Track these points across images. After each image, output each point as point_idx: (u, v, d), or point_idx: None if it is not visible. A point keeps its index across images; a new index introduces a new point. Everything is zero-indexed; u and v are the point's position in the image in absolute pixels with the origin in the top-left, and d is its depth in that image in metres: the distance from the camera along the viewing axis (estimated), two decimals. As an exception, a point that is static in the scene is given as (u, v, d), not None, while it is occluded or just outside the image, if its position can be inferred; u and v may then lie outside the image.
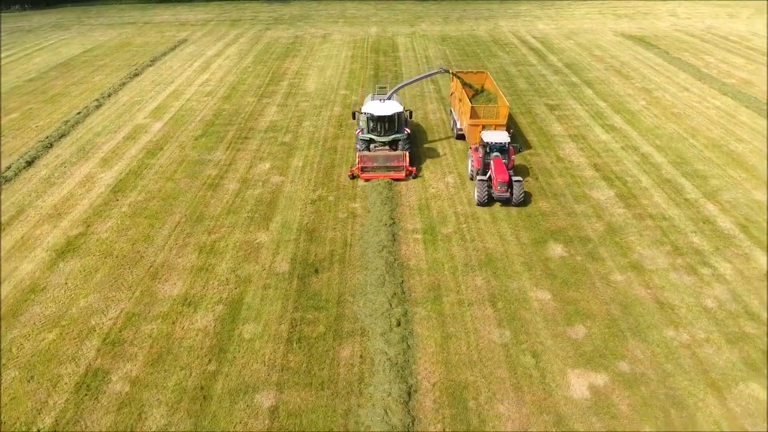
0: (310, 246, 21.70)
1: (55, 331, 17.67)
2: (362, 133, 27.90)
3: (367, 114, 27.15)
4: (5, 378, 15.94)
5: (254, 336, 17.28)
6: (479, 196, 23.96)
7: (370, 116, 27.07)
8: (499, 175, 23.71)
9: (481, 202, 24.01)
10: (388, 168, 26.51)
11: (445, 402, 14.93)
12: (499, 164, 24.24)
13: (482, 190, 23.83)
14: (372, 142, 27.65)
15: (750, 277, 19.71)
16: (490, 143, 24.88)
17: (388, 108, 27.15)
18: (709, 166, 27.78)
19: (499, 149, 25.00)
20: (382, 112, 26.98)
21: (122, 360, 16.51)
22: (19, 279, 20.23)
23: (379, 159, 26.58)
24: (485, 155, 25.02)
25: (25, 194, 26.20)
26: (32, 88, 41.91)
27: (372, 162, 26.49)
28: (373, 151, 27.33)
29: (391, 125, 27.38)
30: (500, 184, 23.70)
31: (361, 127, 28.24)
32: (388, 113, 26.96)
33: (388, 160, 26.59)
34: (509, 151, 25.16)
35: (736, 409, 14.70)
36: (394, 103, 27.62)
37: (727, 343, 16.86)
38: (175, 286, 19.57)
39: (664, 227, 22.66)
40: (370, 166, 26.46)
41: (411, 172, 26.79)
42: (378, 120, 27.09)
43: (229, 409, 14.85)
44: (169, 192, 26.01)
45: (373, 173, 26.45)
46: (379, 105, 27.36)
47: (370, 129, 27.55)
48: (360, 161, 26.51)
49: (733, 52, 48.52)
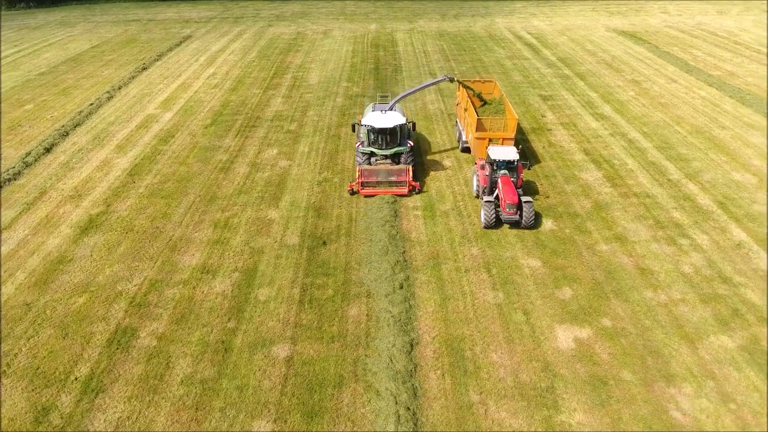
0: (317, 221, 23.28)
1: (85, 296, 19.21)
2: (362, 146, 26.32)
3: (367, 126, 25.67)
4: (41, 335, 17.48)
5: (269, 298, 18.86)
6: (486, 219, 22.12)
7: (371, 128, 25.59)
8: (508, 197, 21.78)
9: (488, 224, 22.23)
10: (390, 183, 25.00)
11: (444, 352, 16.53)
12: (507, 184, 22.36)
13: (489, 211, 22.05)
14: (373, 155, 26.13)
15: (725, 247, 21.36)
16: (498, 161, 22.98)
17: (389, 120, 25.64)
18: (692, 150, 29.43)
19: (507, 166, 23.22)
20: (383, 124, 25.46)
21: (149, 319, 18.07)
22: (47, 252, 21.76)
23: (380, 173, 24.91)
24: (492, 173, 23.16)
25: (45, 177, 27.70)
26: (44, 81, 43.36)
27: (373, 177, 24.93)
28: (374, 164, 25.73)
29: (393, 138, 25.89)
30: (509, 206, 21.77)
31: (361, 140, 26.72)
32: (390, 125, 25.46)
33: (391, 175, 24.95)
34: (518, 168, 23.38)
35: (707, 357, 16.32)
36: (396, 115, 26.17)
37: (701, 302, 18.49)
38: (193, 257, 21.13)
39: (648, 204, 24.30)
40: (371, 182, 24.97)
41: (414, 187, 25.16)
42: (379, 132, 25.57)
43: (249, 359, 16.42)
44: (183, 175, 27.55)
45: (374, 189, 24.91)
46: (380, 116, 25.87)
47: (370, 142, 26.05)
48: (360, 176, 24.86)
49: (720, 47, 50.23)
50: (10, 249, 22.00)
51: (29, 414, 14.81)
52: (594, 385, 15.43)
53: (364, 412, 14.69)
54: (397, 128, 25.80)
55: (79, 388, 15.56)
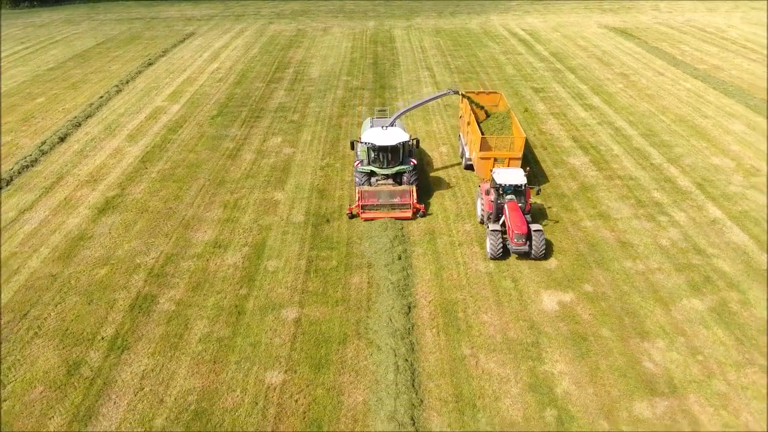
0: (321, 202, 24.80)
1: (106, 268, 20.70)
2: (362, 165, 24.46)
3: (368, 144, 23.74)
4: (68, 302, 18.96)
5: (277, 269, 20.37)
6: (492, 250, 20.23)
7: (372, 146, 23.74)
8: (516, 226, 19.96)
9: (495, 256, 20.30)
10: (392, 206, 23.20)
11: (439, 313, 18.06)
12: (515, 211, 20.59)
13: (496, 242, 20.14)
14: (373, 175, 24.33)
15: (701, 223, 22.94)
16: (504, 185, 21.23)
17: (391, 137, 23.79)
18: (675, 137, 31.01)
19: (515, 191, 21.38)
20: (385, 141, 23.58)
21: (167, 288, 19.56)
22: (68, 230, 23.23)
23: (382, 195, 23.10)
24: (498, 197, 21.35)
25: (62, 164, 29.15)
26: (53, 76, 44.77)
27: (374, 198, 23.09)
28: (375, 185, 23.80)
29: (395, 156, 24.05)
30: (518, 236, 19.88)
31: (360, 158, 24.90)
32: (393, 143, 23.58)
33: (393, 196, 23.16)
34: (526, 193, 21.50)
35: (678, 317, 17.88)
36: (399, 131, 24.33)
37: (676, 270, 20.06)
38: (206, 234, 22.62)
39: (630, 185, 25.86)
40: (372, 204, 23.11)
41: (419, 210, 23.37)
42: (380, 150, 23.78)
43: (260, 320, 17.93)
44: (193, 161, 29.03)
45: (375, 212, 23.04)
46: (381, 133, 24.07)
47: (370, 160, 24.24)
48: (360, 198, 23.04)
49: (707, 42, 51.88)
50: (33, 228, 23.49)
51: (62, 368, 16.30)
52: (575, 340, 16.99)
53: (366, 364, 16.22)
54: (400, 146, 24.00)
55: (106, 346, 17.07)
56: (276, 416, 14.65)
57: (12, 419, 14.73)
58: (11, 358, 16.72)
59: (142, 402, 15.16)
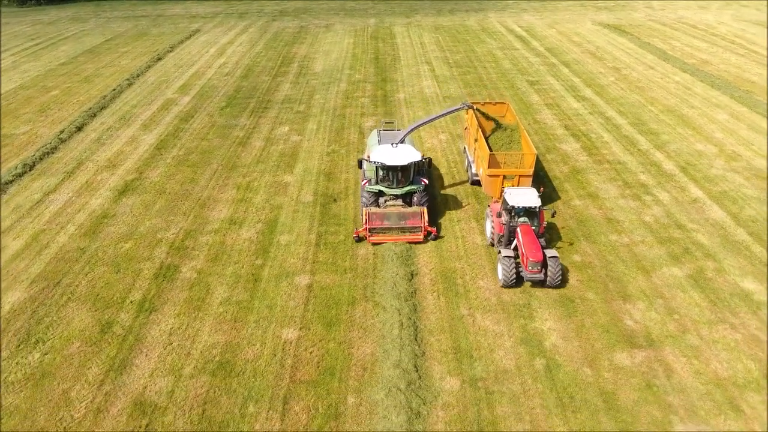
0: (328, 184, 26.42)
1: (130, 242, 22.30)
2: (369, 184, 22.88)
3: (377, 163, 22.11)
4: (97, 271, 20.54)
5: (290, 242, 22.00)
6: (504, 278, 18.83)
7: (381, 165, 22.17)
8: (531, 253, 18.59)
9: (507, 284, 18.95)
10: (402, 229, 21.74)
11: (439, 280, 19.70)
12: (528, 236, 19.18)
13: (509, 269, 18.76)
14: (381, 195, 22.89)
15: (683, 202, 24.59)
16: (517, 207, 19.72)
17: (402, 156, 22.19)
18: (662, 126, 32.68)
19: (528, 213, 19.95)
20: (395, 161, 22.00)
21: (187, 259, 21.16)
22: (91, 210, 24.82)
23: (391, 217, 21.68)
24: (510, 219, 19.85)
25: (80, 151, 30.72)
26: (65, 70, 46.32)
27: (382, 221, 21.68)
28: (383, 207, 22.39)
29: (405, 175, 22.51)
30: (532, 264, 18.55)
31: (367, 177, 23.23)
32: (404, 162, 22.01)
33: (403, 219, 21.73)
34: (540, 215, 20.05)
35: (658, 282, 19.54)
36: (410, 149, 22.83)
37: (658, 243, 21.72)
38: (221, 212, 24.23)
39: (618, 169, 27.52)
40: (381, 227, 21.69)
41: (430, 233, 21.95)
42: (390, 169, 22.30)
43: (276, 286, 19.55)
44: (205, 148, 30.63)
45: (384, 236, 21.66)
46: (391, 151, 22.46)
47: (379, 179, 22.62)
48: (368, 221, 21.62)
49: (698, 38, 53.59)
50: (58, 208, 25.07)
51: (95, 327, 17.89)
52: (563, 302, 18.62)
53: (373, 322, 17.84)
54: (411, 165, 22.51)
55: (135, 308, 18.66)
56: (293, 365, 16.27)
57: (54, 369, 16.32)
58: (48, 319, 18.32)
59: (171, 354, 16.77)
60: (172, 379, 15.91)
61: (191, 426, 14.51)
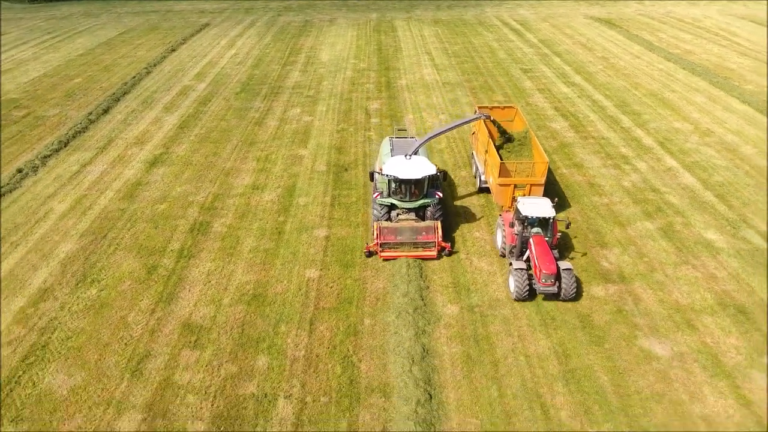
0: (339, 156, 29.17)
1: (165, 204, 25.00)
2: (381, 197, 22.16)
3: (390, 177, 21.37)
4: (138, 227, 23.24)
5: (307, 203, 24.74)
6: (517, 290, 18.36)
7: (394, 179, 21.39)
8: (545, 265, 18.14)
9: (520, 297, 18.42)
10: (415, 244, 21.05)
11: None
12: (541, 247, 18.76)
13: (521, 282, 18.27)
14: (393, 208, 22.19)
15: (658, 170, 27.39)
16: (530, 217, 19.17)
17: (417, 169, 21.31)
18: (644, 108, 35.49)
19: (541, 224, 19.48)
20: (409, 174, 21.10)
21: (217, 217, 23.88)
22: (126, 178, 27.50)
23: (404, 232, 21.03)
24: (522, 230, 19.30)
25: (109, 130, 33.39)
26: (85, 61, 48.95)
27: (394, 235, 21.00)
28: (396, 220, 21.81)
29: (419, 188, 21.70)
30: (546, 276, 18.11)
31: (379, 190, 22.42)
32: (418, 176, 21.11)
33: (416, 233, 21.06)
34: (553, 225, 19.61)
35: (632, 234, 22.34)
36: (424, 161, 21.88)
37: (633, 203, 24.51)
38: (244, 180, 26.94)
39: (602, 143, 30.33)
40: (393, 242, 20.99)
41: (444, 248, 21.22)
42: (403, 182, 21.47)
43: (297, 237, 22.30)
44: (224, 127, 33.33)
45: (396, 251, 20.96)
46: (404, 163, 21.57)
47: (391, 192, 21.92)
48: (379, 235, 20.92)
49: (683, 31, 56.47)
50: (95, 177, 27.74)
51: (142, 270, 20.58)
52: (548, 249, 21.39)
53: (383, 264, 20.60)
54: (426, 179, 21.65)
55: (175, 255, 21.38)
56: (316, 297, 19.01)
57: (110, 301, 19.01)
58: (99, 264, 21.01)
59: (211, 289, 19.48)
60: (214, 307, 18.63)
61: (233, 341, 17.23)
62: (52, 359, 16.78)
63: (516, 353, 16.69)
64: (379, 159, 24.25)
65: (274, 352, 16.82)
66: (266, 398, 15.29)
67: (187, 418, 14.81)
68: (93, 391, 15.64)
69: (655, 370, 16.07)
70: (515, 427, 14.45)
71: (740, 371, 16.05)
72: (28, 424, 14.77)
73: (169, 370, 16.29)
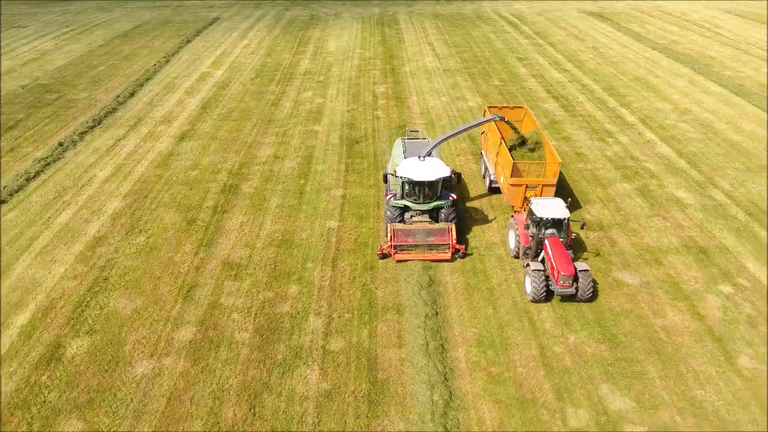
0: (350, 131, 32.18)
1: (196, 171, 27.97)
2: (394, 199, 22.25)
3: (404, 179, 21.41)
4: (174, 189, 26.19)
5: (324, 170, 27.75)
6: (534, 292, 18.37)
7: (408, 181, 21.41)
8: (562, 266, 18.16)
9: (537, 299, 18.50)
10: (429, 246, 20.99)
11: (443, 191, 25.43)
12: (557, 246, 18.75)
13: (539, 283, 18.25)
14: (407, 210, 22.16)
15: (638, 142, 30.45)
16: (545, 219, 19.08)
17: (431, 171, 21.35)
18: (630, 91, 38.56)
19: (555, 224, 19.40)
20: (423, 176, 21.14)
21: (245, 180, 26.87)
22: (159, 150, 30.46)
23: (417, 234, 21.02)
24: (537, 231, 19.26)
25: (138, 111, 36.33)
26: (105, 51, 51.84)
27: (408, 238, 21.02)
28: (409, 222, 21.83)
29: (433, 190, 21.78)
30: (564, 278, 18.11)
31: (392, 191, 22.64)
32: (432, 178, 21.18)
33: (430, 235, 21.05)
34: (567, 226, 19.56)
35: (612, 193, 25.39)
36: (438, 163, 21.89)
37: (614, 168, 27.57)
38: (266, 151, 29.93)
39: (588, 120, 33.39)
40: (406, 244, 20.99)
41: (458, 250, 21.21)
42: (417, 184, 21.51)
43: (317, 196, 25.31)
44: (244, 108, 36.30)
45: (410, 254, 20.93)
46: (418, 165, 21.60)
47: (405, 194, 21.98)
48: (393, 237, 20.98)
49: (670, 23, 59.58)
50: (130, 150, 30.68)
51: (182, 222, 23.55)
52: (538, 205, 24.38)
53: (394, 217, 23.59)
54: (440, 181, 21.77)
55: (210, 211, 24.36)
56: (337, 242, 22.03)
57: (158, 245, 21.98)
58: (144, 218, 23.96)
59: (245, 236, 22.47)
60: (249, 250, 21.62)
61: (267, 274, 20.22)
62: (114, 289, 19.75)
63: (509, 282, 19.71)
64: (392, 161, 24.24)
65: (303, 282, 19.82)
66: (299, 315, 18.29)
67: (234, 330, 17.79)
68: (152, 311, 18.62)
69: (625, 294, 19.10)
70: (507, 335, 17.46)
71: (697, 295, 19.11)
72: (100, 335, 17.74)
73: (215, 296, 19.27)
